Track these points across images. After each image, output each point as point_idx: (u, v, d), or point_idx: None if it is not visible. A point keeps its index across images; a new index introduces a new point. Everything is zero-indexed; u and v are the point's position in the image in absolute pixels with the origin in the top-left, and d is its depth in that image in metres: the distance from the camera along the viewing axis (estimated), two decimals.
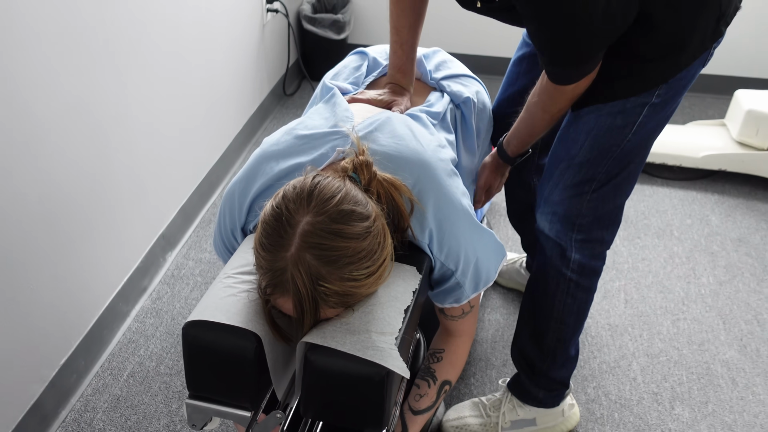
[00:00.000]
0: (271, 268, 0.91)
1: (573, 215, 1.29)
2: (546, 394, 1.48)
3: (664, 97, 1.17)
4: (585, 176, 1.25)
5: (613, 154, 1.23)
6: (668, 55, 1.14)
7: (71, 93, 1.48)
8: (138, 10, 1.71)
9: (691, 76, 1.18)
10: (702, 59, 1.17)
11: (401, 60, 1.39)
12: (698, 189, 2.45)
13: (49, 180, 1.44)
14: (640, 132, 1.21)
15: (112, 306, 1.75)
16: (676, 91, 1.19)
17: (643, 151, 1.25)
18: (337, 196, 0.92)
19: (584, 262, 1.33)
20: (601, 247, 1.34)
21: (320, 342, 0.92)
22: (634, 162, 1.25)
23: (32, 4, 1.32)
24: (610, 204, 1.29)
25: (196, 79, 2.11)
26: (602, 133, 1.22)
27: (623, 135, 1.21)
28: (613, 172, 1.25)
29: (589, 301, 1.40)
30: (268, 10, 2.67)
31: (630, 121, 1.20)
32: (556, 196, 1.30)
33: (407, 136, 1.16)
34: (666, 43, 1.13)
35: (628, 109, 1.19)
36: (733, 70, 3.03)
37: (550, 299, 1.38)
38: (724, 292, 1.98)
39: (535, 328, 1.43)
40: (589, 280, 1.36)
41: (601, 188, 1.26)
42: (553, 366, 1.44)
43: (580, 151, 1.24)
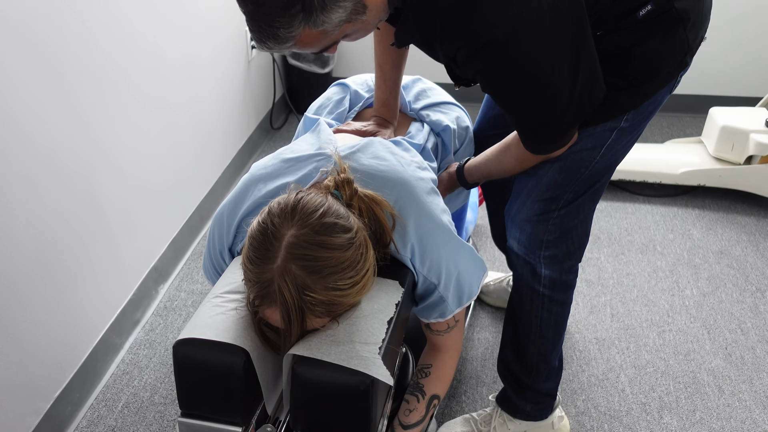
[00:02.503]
0: (258, 280, 0.94)
1: (540, 232, 1.32)
2: (534, 407, 1.51)
3: (632, 121, 1.21)
4: (552, 195, 1.28)
5: (581, 176, 1.26)
6: (638, 85, 1.18)
7: (63, 131, 1.52)
8: (126, 50, 1.76)
9: (658, 102, 1.22)
10: (669, 87, 1.21)
11: (385, 95, 1.45)
12: (679, 205, 2.51)
13: (42, 216, 1.48)
14: (608, 154, 1.24)
15: (106, 338, 1.77)
16: (644, 116, 1.23)
17: (610, 171, 1.29)
18: (319, 210, 0.96)
19: (555, 277, 1.36)
20: (570, 261, 1.36)
21: (306, 353, 0.95)
22: (600, 181, 1.29)
23: (21, 42, 1.37)
24: (576, 220, 1.31)
25: (185, 114, 2.17)
26: (572, 155, 1.24)
27: (592, 157, 1.24)
28: (580, 191, 1.28)
29: (565, 314, 1.42)
30: (252, 47, 2.75)
31: (599, 144, 1.22)
32: (523, 215, 1.33)
33: (388, 157, 1.21)
34: (637, 75, 1.17)
35: (598, 133, 1.22)
36: (707, 89, 3.12)
37: (527, 315, 1.41)
38: (708, 303, 2.02)
39: (517, 343, 1.46)
40: (562, 293, 1.39)
41: (567, 206, 1.29)
42: (537, 379, 1.46)
43: (549, 172, 1.27)
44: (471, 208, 1.95)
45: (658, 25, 1.12)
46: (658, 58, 1.15)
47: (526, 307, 1.40)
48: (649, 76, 1.17)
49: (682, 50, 1.16)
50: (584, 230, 1.35)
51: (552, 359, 1.45)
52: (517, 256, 1.38)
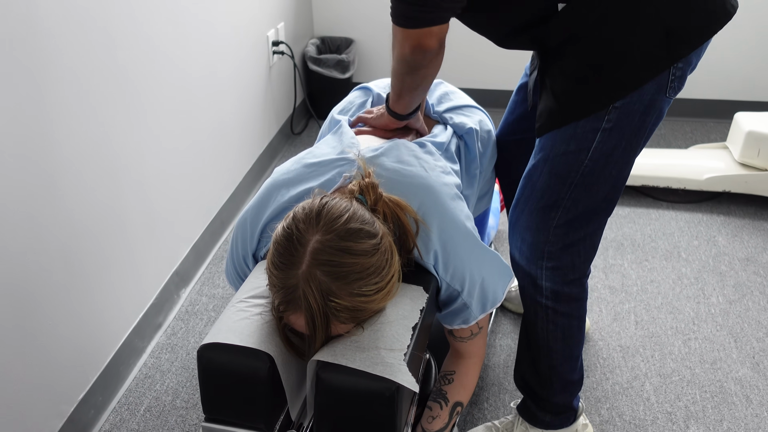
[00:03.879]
0: (283, 286, 0.94)
1: (541, 242, 1.29)
2: (553, 418, 1.49)
3: (616, 122, 1.16)
4: (548, 202, 1.25)
5: (573, 180, 1.22)
6: (604, 74, 1.14)
7: (87, 137, 1.53)
8: (148, 56, 1.78)
9: (645, 101, 1.15)
10: (659, 84, 1.14)
11: None
12: (704, 211, 2.47)
13: (66, 221, 1.49)
14: (598, 158, 1.20)
15: (129, 342, 1.78)
16: (632, 118, 1.16)
17: (609, 180, 1.23)
18: (345, 215, 0.96)
19: (557, 290, 1.32)
20: (573, 274, 1.32)
21: (330, 359, 0.94)
22: (603, 191, 1.24)
23: (47, 48, 1.38)
24: (580, 232, 1.27)
25: (206, 120, 2.18)
26: (558, 158, 1.22)
27: (579, 160, 1.20)
28: (579, 198, 1.24)
29: (574, 327, 1.37)
30: (274, 53, 2.76)
31: (584, 147, 1.19)
32: (523, 222, 1.31)
33: (412, 161, 1.20)
34: (597, 62, 1.13)
35: (579, 134, 1.19)
36: (732, 94, 3.08)
37: (533, 327, 1.38)
38: (734, 311, 1.99)
39: (529, 355, 1.44)
40: (566, 306, 1.35)
41: (567, 216, 1.25)
42: (551, 392, 1.44)
43: (540, 177, 1.26)
44: (493, 214, 1.93)
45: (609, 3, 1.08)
46: (620, 41, 1.11)
47: (531, 319, 1.38)
48: (614, 63, 1.12)
49: (655, 31, 1.10)
50: (591, 244, 1.30)
51: (564, 372, 1.41)
52: (518, 267, 1.35)
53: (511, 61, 3.05)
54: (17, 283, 1.36)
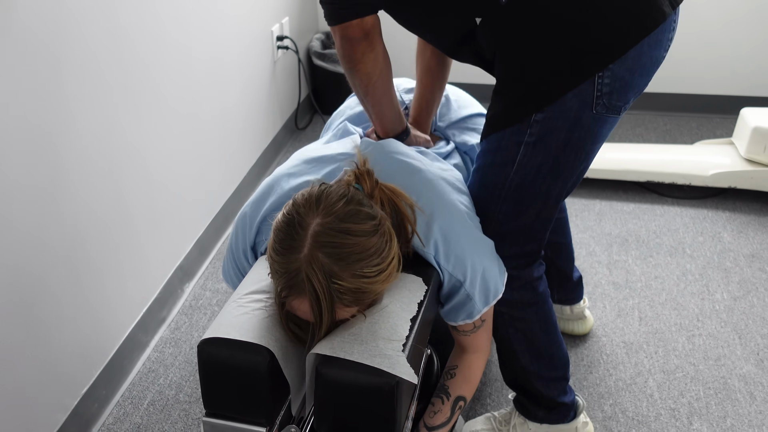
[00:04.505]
0: (286, 271, 0.95)
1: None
2: (546, 413, 1.48)
3: (538, 136, 1.15)
4: (482, 213, 1.25)
5: (500, 193, 1.22)
6: (518, 87, 1.14)
7: (91, 133, 1.54)
8: (153, 50, 1.78)
9: (570, 117, 1.13)
10: (582, 100, 1.12)
11: (417, 112, 1.45)
12: (709, 207, 2.46)
13: (70, 215, 1.49)
14: (523, 172, 1.19)
15: (132, 336, 1.78)
16: (557, 135, 1.15)
17: (538, 197, 1.22)
18: (343, 199, 0.97)
19: (506, 297, 1.28)
20: (519, 282, 1.31)
21: (329, 352, 0.94)
22: (533, 208, 1.23)
23: (51, 43, 1.39)
24: (518, 248, 1.27)
25: (211, 115, 2.18)
26: (486, 170, 1.23)
27: (505, 173, 1.20)
28: (509, 213, 1.24)
29: (535, 329, 1.37)
30: (278, 48, 2.75)
31: (509, 160, 1.19)
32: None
33: (408, 153, 1.21)
34: (511, 76, 1.14)
35: (504, 147, 1.19)
36: (738, 90, 3.06)
37: (498, 332, 1.39)
38: (739, 307, 1.98)
39: (503, 355, 1.45)
40: (521, 311, 1.34)
41: (501, 229, 1.25)
42: (535, 388, 1.44)
43: (473, 187, 1.27)
44: None
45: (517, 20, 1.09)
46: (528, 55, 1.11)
47: (495, 323, 1.37)
48: (516, 79, 1.13)
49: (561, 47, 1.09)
50: (531, 256, 1.30)
51: (540, 371, 1.41)
52: None
53: None
54: (22, 278, 1.36)
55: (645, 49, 1.10)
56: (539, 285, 1.35)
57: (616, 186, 2.59)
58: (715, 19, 2.91)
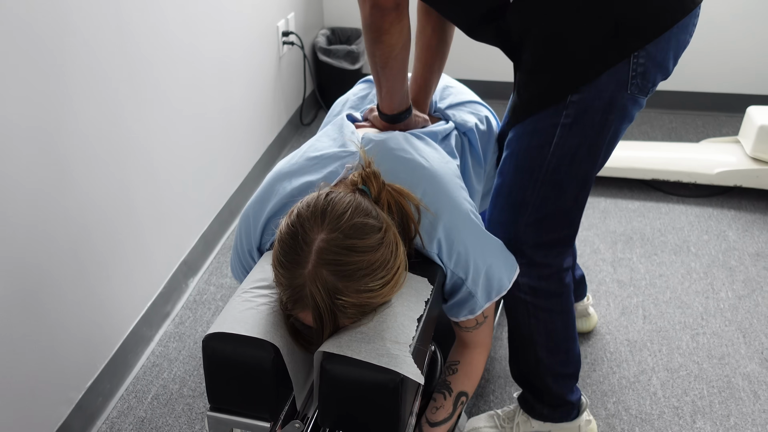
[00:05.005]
0: (290, 285, 0.95)
1: (512, 239, 1.28)
2: (550, 411, 1.48)
3: (574, 117, 1.16)
4: (516, 199, 1.25)
5: (538, 176, 1.22)
6: (555, 67, 1.14)
7: (96, 128, 1.54)
8: (159, 45, 1.78)
9: (606, 98, 1.14)
10: (618, 79, 1.12)
11: (414, 93, 1.43)
12: (714, 205, 2.45)
13: (75, 209, 1.49)
14: (562, 155, 1.19)
15: (137, 330, 1.79)
16: (592, 116, 1.15)
17: (577, 180, 1.22)
18: (348, 211, 0.95)
19: (534, 285, 1.31)
20: (548, 270, 1.31)
21: (336, 351, 0.94)
22: (571, 192, 1.23)
23: (57, 37, 1.39)
24: (554, 234, 1.27)
25: (216, 110, 2.18)
26: (522, 154, 1.23)
27: (542, 155, 1.20)
28: (548, 197, 1.23)
29: (556, 321, 1.36)
30: (284, 43, 2.75)
31: (546, 142, 1.19)
32: (495, 216, 1.31)
33: (411, 150, 1.20)
34: (548, 55, 1.13)
35: (540, 129, 1.19)
36: (744, 88, 3.05)
37: (516, 321, 1.38)
38: (744, 306, 1.97)
39: (516, 347, 1.45)
40: (546, 301, 1.34)
41: (537, 214, 1.25)
42: (545, 384, 1.44)
43: (508, 173, 1.26)
44: None
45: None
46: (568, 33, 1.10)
47: (514, 313, 1.37)
48: (557, 56, 1.12)
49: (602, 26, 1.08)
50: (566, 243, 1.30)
51: (554, 365, 1.41)
52: None
53: None
54: (26, 271, 1.37)
55: (676, 31, 1.12)
56: (566, 276, 1.35)
57: (621, 184, 2.59)
58: (722, 16, 2.90)
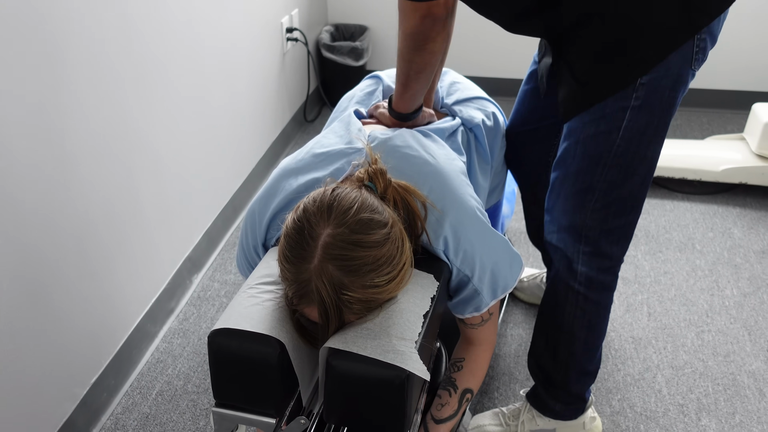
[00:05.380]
0: (296, 280, 0.94)
1: (578, 226, 1.28)
2: (563, 408, 1.48)
3: (644, 99, 1.15)
4: (582, 186, 1.24)
5: (606, 161, 1.21)
6: (625, 50, 1.12)
7: (101, 125, 1.54)
8: (163, 41, 1.78)
9: (673, 75, 1.14)
10: (683, 56, 1.13)
11: None
12: (719, 203, 2.45)
13: (80, 205, 1.49)
14: (630, 137, 1.19)
15: (141, 326, 1.79)
16: (661, 93, 1.15)
17: (644, 161, 1.22)
18: (354, 206, 0.95)
19: (591, 276, 1.31)
20: (610, 262, 1.31)
21: (342, 347, 0.94)
22: (638, 173, 1.23)
23: (65, 33, 1.39)
24: (621, 219, 1.27)
25: (220, 107, 2.18)
26: (590, 140, 1.21)
27: (611, 140, 1.19)
28: (615, 181, 1.22)
29: (601, 316, 1.37)
30: (288, 39, 2.75)
31: (615, 126, 1.18)
32: (558, 207, 1.30)
33: (418, 148, 1.20)
34: (617, 38, 1.12)
35: (608, 114, 1.17)
36: (750, 85, 3.04)
37: (560, 311, 1.37)
38: (749, 303, 1.97)
39: (548, 339, 1.43)
40: (598, 294, 1.34)
41: (605, 198, 1.24)
42: (567, 379, 1.43)
43: (573, 160, 1.24)
44: (507, 201, 1.92)
45: None
46: (637, 15, 1.09)
47: (560, 303, 1.37)
48: (631, 38, 1.11)
49: (671, 5, 1.08)
50: (629, 231, 1.29)
51: (583, 361, 1.41)
52: (555, 249, 1.34)
53: (521, 49, 3.03)
54: (32, 267, 1.37)
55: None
56: (619, 270, 1.35)
57: None
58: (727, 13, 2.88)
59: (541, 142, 1.56)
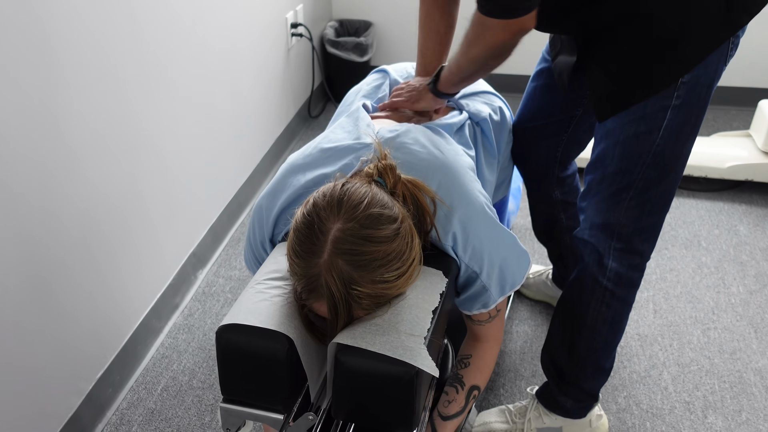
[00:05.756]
0: (305, 275, 0.94)
1: (612, 223, 1.28)
2: (574, 405, 1.48)
3: (685, 97, 1.16)
4: (620, 185, 1.25)
5: (645, 161, 1.21)
6: (669, 50, 1.13)
7: (106, 119, 1.53)
8: (167, 37, 1.77)
9: (711, 72, 1.15)
10: (721, 53, 1.14)
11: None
12: (725, 199, 2.44)
13: (84, 200, 1.49)
14: (669, 136, 1.19)
15: (146, 322, 1.79)
16: (699, 91, 1.17)
17: (680, 158, 1.23)
18: (364, 201, 0.95)
19: (621, 272, 1.31)
20: (639, 259, 1.32)
21: (350, 342, 0.94)
22: (674, 171, 1.23)
23: (71, 30, 1.38)
24: (654, 216, 1.27)
25: (224, 102, 2.17)
26: (629, 141, 1.21)
27: (651, 141, 1.20)
28: (652, 179, 1.23)
29: (624, 313, 1.37)
30: (292, 35, 2.74)
31: (655, 126, 1.18)
32: (593, 206, 1.30)
33: (427, 144, 1.19)
34: (662, 37, 1.12)
35: (649, 114, 1.18)
36: (756, 81, 3.02)
37: (584, 306, 1.37)
38: (755, 301, 1.96)
39: (567, 334, 1.42)
40: (625, 290, 1.34)
41: (640, 196, 1.24)
42: (582, 375, 1.43)
43: (612, 162, 1.24)
44: (513, 197, 1.91)
45: None
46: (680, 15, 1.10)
47: (585, 298, 1.36)
48: (678, 38, 1.11)
49: (715, 5, 1.09)
50: (657, 229, 1.30)
51: (601, 358, 1.41)
52: (586, 244, 1.34)
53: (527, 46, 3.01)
54: (37, 263, 1.36)
55: None
56: (645, 267, 1.35)
57: None
58: None
59: (549, 138, 1.55)
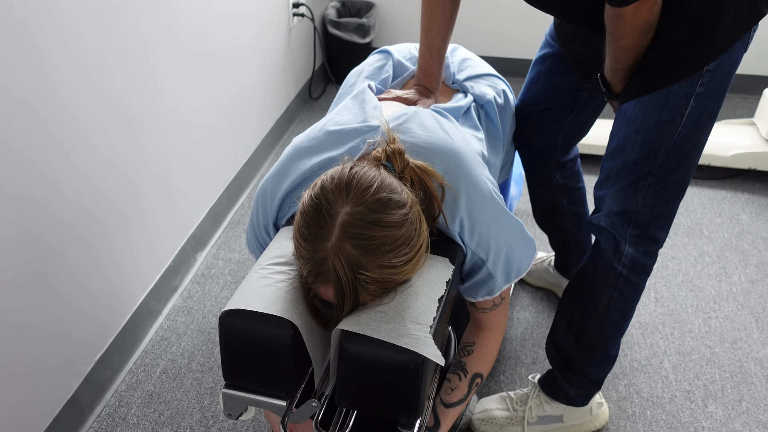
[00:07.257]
0: (312, 258, 0.92)
1: (630, 211, 1.27)
2: (577, 392, 1.47)
3: (708, 85, 1.15)
4: (640, 173, 1.24)
5: (666, 149, 1.21)
6: (700, 37, 1.12)
7: (106, 95, 1.51)
8: (170, 17, 1.74)
9: (733, 60, 1.15)
10: (743, 42, 1.14)
11: (428, 62, 1.38)
12: (728, 188, 2.43)
13: (84, 181, 1.47)
14: (690, 124, 1.19)
15: (145, 304, 1.77)
16: (721, 79, 1.16)
17: (698, 145, 1.22)
18: (374, 185, 0.93)
19: (636, 258, 1.31)
20: (655, 245, 1.31)
21: (355, 329, 0.93)
22: (692, 158, 1.23)
23: (71, 7, 1.35)
24: (670, 204, 1.27)
25: (225, 82, 2.14)
26: (651, 129, 1.20)
27: (673, 129, 1.19)
28: (670, 166, 1.22)
29: (635, 299, 1.37)
30: (294, 15, 2.71)
31: (678, 114, 1.18)
32: (611, 194, 1.29)
33: (435, 127, 1.17)
34: (695, 24, 1.11)
35: (672, 102, 1.17)
36: (761, 69, 3.00)
37: (596, 292, 1.36)
38: (757, 290, 1.96)
39: (575, 321, 1.42)
40: (638, 277, 1.34)
41: (658, 184, 1.24)
42: (589, 362, 1.42)
43: (633, 150, 1.23)
44: (515, 182, 1.90)
45: None
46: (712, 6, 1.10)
47: (598, 283, 1.36)
48: (710, 25, 1.11)
49: None
50: (673, 216, 1.30)
51: (609, 345, 1.40)
52: (602, 230, 1.33)
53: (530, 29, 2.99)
54: (35, 245, 1.35)
55: None
56: (658, 255, 1.35)
57: None
58: None
59: (551, 123, 1.54)
